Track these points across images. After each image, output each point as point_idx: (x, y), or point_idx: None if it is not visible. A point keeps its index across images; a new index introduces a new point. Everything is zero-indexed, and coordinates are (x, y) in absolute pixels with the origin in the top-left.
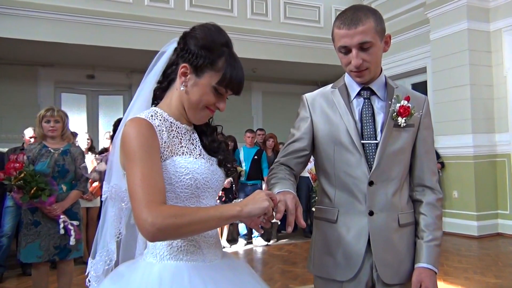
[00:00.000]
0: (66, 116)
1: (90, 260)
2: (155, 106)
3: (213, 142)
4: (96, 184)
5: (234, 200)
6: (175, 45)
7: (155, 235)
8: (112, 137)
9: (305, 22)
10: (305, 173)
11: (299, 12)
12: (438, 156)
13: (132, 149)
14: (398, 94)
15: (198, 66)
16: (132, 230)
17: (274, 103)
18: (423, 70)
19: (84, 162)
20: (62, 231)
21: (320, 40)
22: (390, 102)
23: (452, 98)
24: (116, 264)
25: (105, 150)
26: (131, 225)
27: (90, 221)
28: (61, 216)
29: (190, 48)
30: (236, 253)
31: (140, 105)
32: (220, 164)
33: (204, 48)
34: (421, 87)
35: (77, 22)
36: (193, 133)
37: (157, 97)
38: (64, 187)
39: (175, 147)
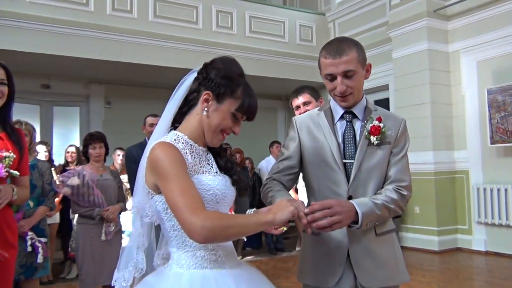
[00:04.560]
0: (34, 129)
1: (116, 271)
2: (174, 129)
3: (227, 162)
4: (56, 199)
5: (248, 211)
6: (194, 74)
7: (207, 236)
8: (83, 152)
9: (270, 37)
10: None
11: (264, 26)
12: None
13: (166, 168)
14: (373, 116)
15: (220, 93)
16: (151, 243)
17: None
18: (385, 88)
19: (52, 177)
20: (29, 249)
21: (285, 55)
22: (363, 123)
23: (413, 115)
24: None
25: (66, 165)
26: (151, 240)
27: (49, 237)
28: (29, 233)
29: (212, 77)
30: None
31: (162, 128)
32: (233, 183)
33: (225, 78)
34: (383, 104)
35: (33, 29)
36: (208, 153)
37: (176, 121)
38: (31, 203)
39: (197, 167)
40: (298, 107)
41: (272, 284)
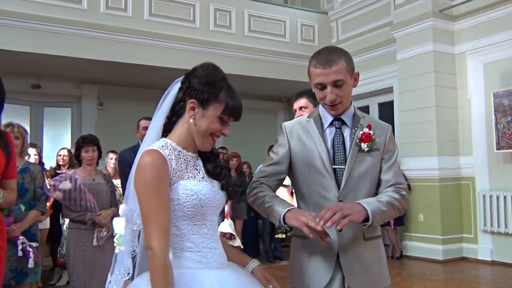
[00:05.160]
0: (26, 132)
1: (109, 275)
2: (164, 138)
3: (216, 167)
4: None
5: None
6: (179, 85)
7: (158, 263)
8: (75, 155)
9: (270, 36)
10: None
11: (264, 25)
12: (404, 178)
13: (145, 180)
14: (362, 123)
15: (204, 100)
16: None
17: None
18: (389, 90)
19: (45, 180)
20: (20, 253)
21: (286, 55)
22: (354, 130)
23: (418, 119)
24: (132, 278)
25: (58, 168)
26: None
27: (40, 243)
28: (20, 238)
29: (195, 86)
30: None
31: (152, 138)
32: (222, 187)
33: (207, 85)
34: (387, 107)
35: (23, 27)
36: (197, 159)
37: (166, 130)
38: (22, 207)
39: (182, 172)
40: (295, 110)
41: (261, 286)
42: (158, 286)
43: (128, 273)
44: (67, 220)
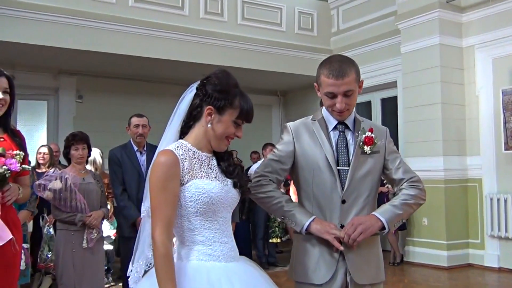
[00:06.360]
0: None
1: (130, 265)
2: (182, 139)
3: (229, 166)
4: None
5: None
6: (194, 90)
7: (159, 253)
8: (64, 153)
9: (265, 25)
10: None
11: (258, 13)
12: None
13: (156, 177)
14: (363, 127)
15: (221, 107)
16: None
17: None
18: (393, 85)
19: (34, 180)
20: None
21: (282, 45)
22: (357, 134)
23: (422, 117)
24: None
25: (37, 167)
26: None
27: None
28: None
29: (211, 93)
30: None
31: (169, 139)
32: (235, 185)
33: (222, 92)
34: (391, 104)
35: None
36: (212, 159)
37: (183, 132)
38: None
39: (195, 172)
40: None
41: (271, 281)
42: (160, 274)
43: (150, 263)
44: (46, 224)
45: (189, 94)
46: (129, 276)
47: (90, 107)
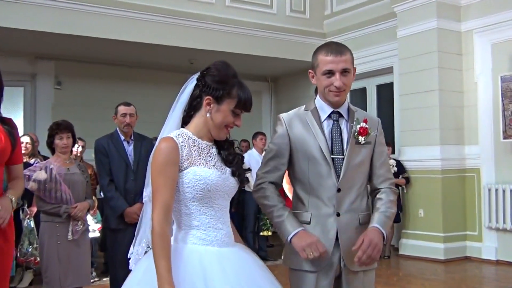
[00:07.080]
0: None
1: (132, 247)
2: (183, 128)
3: (229, 155)
4: None
5: None
6: (194, 81)
7: (155, 233)
8: (48, 143)
9: (254, 7)
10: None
11: None
12: (403, 170)
13: (156, 162)
14: (358, 117)
15: (219, 97)
16: None
17: None
18: (389, 70)
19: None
20: None
21: (272, 29)
22: (351, 124)
23: (419, 104)
24: None
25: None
26: None
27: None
28: None
29: (210, 84)
30: None
31: (171, 127)
32: (233, 174)
33: (221, 82)
34: (386, 90)
35: None
36: (212, 148)
37: (185, 122)
38: None
39: (194, 159)
40: None
41: (266, 268)
42: (155, 251)
43: (149, 246)
44: (27, 216)
45: (190, 85)
46: (129, 258)
47: (69, 94)
